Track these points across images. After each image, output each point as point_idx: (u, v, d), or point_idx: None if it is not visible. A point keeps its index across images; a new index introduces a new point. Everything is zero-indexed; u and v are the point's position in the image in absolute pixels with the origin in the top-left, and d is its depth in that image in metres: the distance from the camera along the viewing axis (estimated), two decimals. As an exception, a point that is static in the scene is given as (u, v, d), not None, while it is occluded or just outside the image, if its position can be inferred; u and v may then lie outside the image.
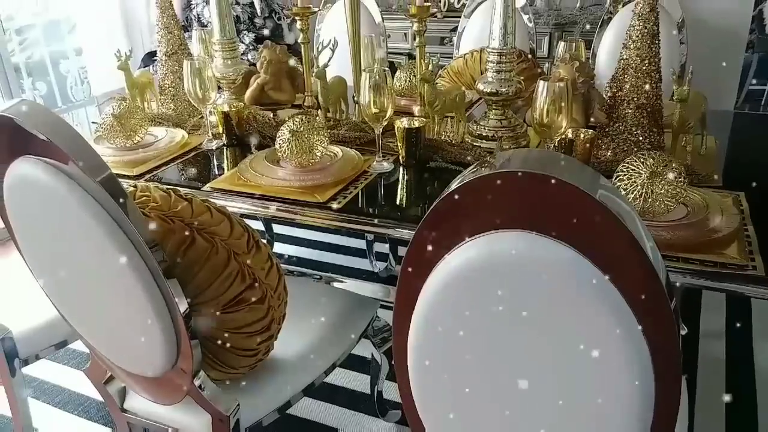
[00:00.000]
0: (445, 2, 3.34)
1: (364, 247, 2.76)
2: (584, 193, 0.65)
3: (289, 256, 2.82)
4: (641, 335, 0.68)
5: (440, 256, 0.74)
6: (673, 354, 0.70)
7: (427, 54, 1.77)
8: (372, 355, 1.73)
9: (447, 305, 0.76)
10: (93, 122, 2.12)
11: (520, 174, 0.67)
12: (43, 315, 1.58)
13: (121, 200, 0.95)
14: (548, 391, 0.77)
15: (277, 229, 2.98)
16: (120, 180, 0.99)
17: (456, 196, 0.70)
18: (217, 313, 1.16)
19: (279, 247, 2.87)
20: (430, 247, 0.75)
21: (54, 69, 3.68)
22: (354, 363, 2.03)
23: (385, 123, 1.56)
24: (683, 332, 2.16)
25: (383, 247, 2.71)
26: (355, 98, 1.80)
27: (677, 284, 1.11)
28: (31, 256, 1.17)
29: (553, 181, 0.66)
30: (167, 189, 1.15)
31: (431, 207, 0.73)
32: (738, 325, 2.24)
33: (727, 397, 1.92)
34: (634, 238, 0.64)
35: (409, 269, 0.79)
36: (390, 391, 1.88)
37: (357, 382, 2.01)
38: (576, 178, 0.66)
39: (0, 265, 1.79)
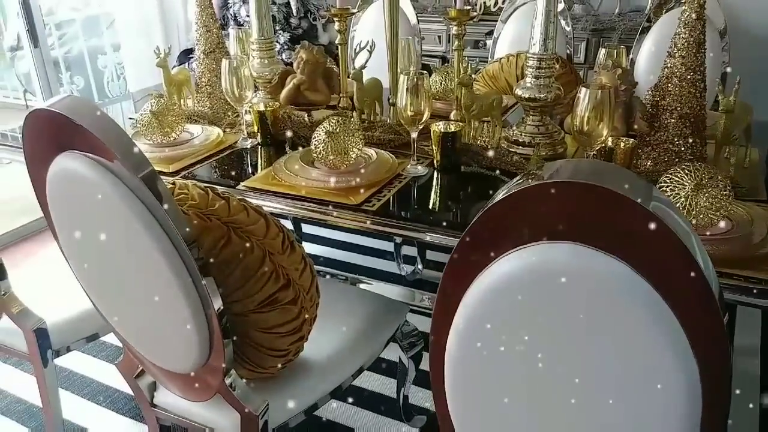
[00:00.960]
0: (480, 5, 3.32)
1: (392, 249, 2.75)
2: (638, 204, 0.63)
3: (316, 255, 2.82)
4: (692, 355, 0.66)
5: (484, 264, 0.73)
6: (723, 376, 0.68)
7: (465, 57, 1.76)
8: (399, 359, 1.72)
9: (489, 316, 0.74)
10: (130, 118, 2.14)
11: (571, 184, 0.65)
12: (77, 307, 1.59)
13: (162, 198, 0.95)
14: (592, 409, 0.75)
15: (306, 228, 2.99)
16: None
17: (504, 205, 0.69)
18: (250, 312, 1.17)
19: (307, 247, 2.87)
20: (474, 255, 0.73)
21: (92, 64, 3.75)
22: (381, 367, 2.02)
23: (421, 126, 1.55)
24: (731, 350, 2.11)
25: (411, 251, 2.70)
26: (391, 100, 1.79)
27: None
28: (69, 248, 1.18)
29: (605, 191, 0.64)
30: (205, 187, 1.16)
31: (478, 214, 0.71)
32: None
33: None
34: (689, 254, 0.62)
35: (451, 276, 0.77)
36: (416, 395, 1.87)
37: (383, 385, 2.00)
38: (629, 190, 0.64)
39: (38, 255, 1.82)
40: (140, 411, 1.89)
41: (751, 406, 1.90)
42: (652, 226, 0.64)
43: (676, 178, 1.19)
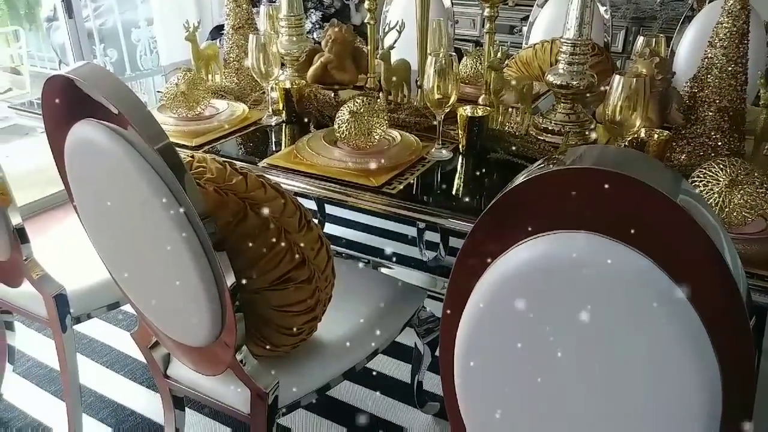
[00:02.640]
0: (517, -10, 3.25)
1: (415, 234, 2.72)
2: (663, 196, 0.60)
3: (338, 237, 2.81)
4: (713, 356, 0.63)
5: (500, 251, 0.70)
6: (746, 380, 0.65)
7: (496, 41, 1.71)
8: (415, 344, 1.70)
9: (503, 303, 0.72)
10: (159, 91, 2.14)
11: (593, 171, 0.62)
12: (98, 276, 1.61)
13: (177, 169, 0.94)
14: (603, 402, 0.72)
15: (329, 209, 2.98)
16: (179, 150, 0.98)
17: (522, 191, 0.66)
18: (264, 289, 1.16)
19: (329, 228, 2.87)
20: (489, 241, 0.71)
21: (125, 37, 3.77)
22: (396, 351, 2.01)
23: (447, 110, 1.51)
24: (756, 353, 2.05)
25: (434, 237, 2.67)
26: (418, 82, 1.75)
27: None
28: (87, 217, 1.19)
29: (629, 180, 0.61)
30: (224, 161, 1.15)
31: (494, 199, 0.68)
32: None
33: None
34: (716, 251, 0.59)
35: (465, 262, 0.75)
36: (430, 382, 1.85)
37: (398, 370, 1.99)
38: (655, 180, 0.61)
39: (62, 225, 1.84)
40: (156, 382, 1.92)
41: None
42: (679, 219, 0.61)
43: (710, 173, 1.14)
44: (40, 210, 1.99)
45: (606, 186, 0.63)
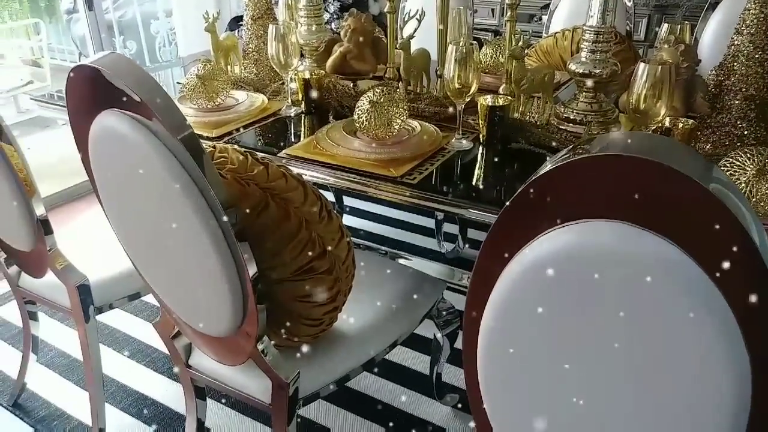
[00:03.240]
0: (537, -22, 3.21)
1: (433, 226, 2.71)
2: (695, 183, 0.59)
3: (357, 229, 2.81)
4: (744, 347, 0.62)
5: (526, 241, 0.69)
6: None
7: (517, 30, 1.69)
8: (434, 336, 1.69)
9: (528, 293, 0.71)
10: (178, 83, 2.15)
11: (621, 158, 0.61)
12: (120, 266, 1.62)
13: (199, 159, 0.94)
14: (630, 394, 0.71)
15: (348, 201, 2.98)
16: (200, 140, 0.98)
17: (549, 179, 0.65)
18: (285, 279, 1.16)
19: (348, 220, 2.87)
20: (515, 231, 0.70)
21: (144, 29, 3.80)
22: (415, 342, 2.00)
23: (468, 99, 1.50)
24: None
25: (453, 228, 2.66)
26: (438, 72, 1.74)
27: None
28: (110, 207, 1.20)
29: (659, 167, 0.60)
30: (245, 152, 1.15)
31: (521, 187, 0.68)
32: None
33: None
34: (751, 242, 0.57)
35: (491, 252, 0.74)
36: (449, 374, 1.84)
37: (417, 361, 1.99)
38: (687, 167, 0.60)
39: (85, 216, 1.86)
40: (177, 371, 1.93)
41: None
42: (711, 207, 0.59)
43: (738, 163, 1.12)
44: (63, 201, 2.02)
45: (635, 173, 0.61)
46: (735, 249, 0.59)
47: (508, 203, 0.70)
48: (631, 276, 0.64)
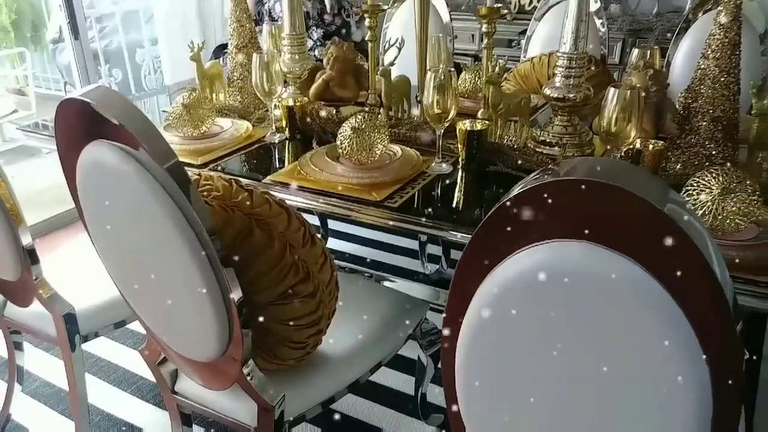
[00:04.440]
0: (515, 4, 3.30)
1: (417, 248, 2.75)
2: (651, 205, 0.62)
3: (342, 252, 2.83)
4: (703, 360, 0.65)
5: (498, 260, 0.73)
6: (735, 382, 0.67)
7: (494, 56, 1.75)
8: (418, 357, 1.72)
9: (500, 312, 0.74)
10: (164, 110, 2.18)
11: (585, 183, 0.65)
12: (105, 294, 1.63)
13: (185, 187, 0.97)
14: (599, 407, 0.74)
15: (332, 224, 3.00)
16: (185, 168, 1.01)
17: (518, 201, 0.68)
18: (270, 303, 1.18)
19: (333, 243, 2.89)
20: (487, 251, 0.73)
21: (130, 57, 3.84)
22: (400, 364, 2.02)
23: (447, 124, 1.54)
24: (744, 356, 2.06)
25: (436, 249, 2.69)
26: (418, 98, 1.79)
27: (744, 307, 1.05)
28: (97, 236, 1.22)
29: (619, 191, 0.63)
30: (230, 179, 1.18)
31: (492, 210, 0.71)
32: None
33: None
34: (703, 258, 0.61)
35: (464, 272, 0.77)
36: (434, 394, 1.86)
37: (402, 383, 2.01)
38: (644, 191, 0.63)
39: (70, 244, 1.87)
40: (163, 399, 1.93)
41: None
42: (666, 228, 0.63)
43: (704, 182, 1.17)
44: (47, 230, 2.02)
45: (597, 197, 0.65)
46: (690, 266, 0.62)
47: (480, 224, 0.73)
48: (598, 293, 0.68)
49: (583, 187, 0.65)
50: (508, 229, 0.71)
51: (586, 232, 0.67)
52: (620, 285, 0.67)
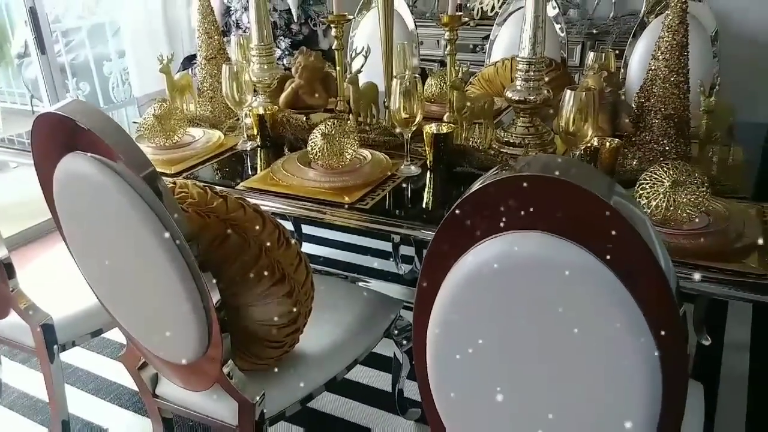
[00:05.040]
0: (478, 11, 3.38)
1: (390, 249, 2.80)
2: (598, 198, 0.69)
3: (316, 256, 2.87)
4: (650, 335, 0.71)
5: (460, 253, 0.78)
6: (681, 360, 0.73)
7: (458, 62, 1.81)
8: (394, 354, 1.77)
9: (464, 301, 0.80)
10: (134, 122, 2.20)
11: (540, 177, 0.71)
12: (81, 304, 1.65)
13: (161, 195, 1.01)
14: (559, 387, 0.80)
15: (306, 229, 3.05)
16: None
17: (477, 197, 0.74)
18: (248, 305, 1.22)
19: (307, 247, 2.93)
20: (450, 245, 0.79)
21: (97, 70, 3.83)
22: (376, 362, 2.07)
23: (414, 128, 1.60)
24: (706, 343, 2.15)
25: (409, 250, 2.75)
26: (386, 104, 1.84)
27: (694, 291, 1.12)
28: (75, 245, 1.24)
29: (570, 185, 0.69)
30: (204, 186, 1.21)
31: (453, 206, 0.77)
32: (762, 337, 2.22)
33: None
34: (646, 246, 0.67)
35: (430, 266, 0.83)
36: (411, 390, 1.91)
37: (379, 380, 2.05)
38: (592, 184, 0.69)
39: (43, 257, 1.88)
40: (143, 405, 1.95)
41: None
42: (613, 218, 0.69)
43: (656, 176, 1.24)
44: (18, 244, 2.02)
45: (550, 190, 0.71)
46: (635, 253, 0.69)
47: (444, 218, 0.79)
48: (553, 279, 0.73)
49: (536, 181, 0.71)
50: (468, 222, 0.76)
51: (542, 223, 0.73)
52: (573, 272, 0.73)
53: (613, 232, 0.70)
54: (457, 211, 0.77)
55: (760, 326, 2.28)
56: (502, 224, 0.75)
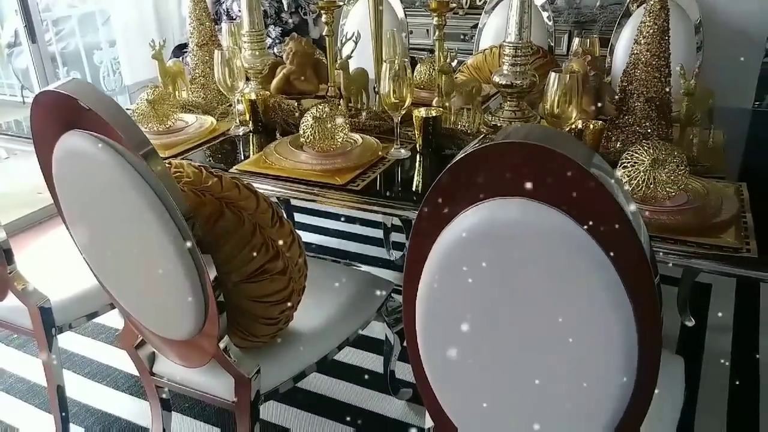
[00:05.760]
0: (467, 0, 3.41)
1: (382, 236, 2.84)
2: (578, 165, 0.73)
3: (308, 243, 2.91)
4: (625, 294, 0.76)
5: (446, 220, 0.82)
6: (655, 319, 0.78)
7: (446, 48, 1.85)
8: (386, 335, 1.81)
9: (451, 265, 0.84)
10: (126, 109, 2.22)
11: (522, 145, 0.75)
12: (76, 288, 1.68)
13: (160, 173, 1.04)
14: (539, 347, 0.84)
15: (298, 217, 3.08)
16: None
17: (461, 165, 0.78)
18: (242, 282, 1.25)
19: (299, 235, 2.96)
20: (437, 213, 0.83)
21: (88, 59, 3.83)
22: (368, 344, 2.12)
23: (403, 112, 1.64)
24: (690, 324, 2.21)
25: (400, 237, 2.79)
26: (376, 89, 1.88)
27: (670, 264, 1.17)
28: (74, 224, 1.27)
29: (551, 152, 0.73)
30: (199, 165, 1.25)
31: (441, 172, 0.80)
32: (744, 319, 2.29)
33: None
34: (621, 209, 0.71)
35: (419, 234, 0.87)
36: (402, 371, 1.96)
37: (371, 361, 2.10)
38: (572, 152, 0.73)
39: (35, 244, 1.90)
40: (138, 389, 1.99)
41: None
42: (591, 184, 0.73)
43: (636, 155, 1.28)
44: (13, 232, 2.04)
45: (532, 157, 0.75)
46: (612, 219, 0.73)
47: (431, 187, 0.83)
48: (535, 243, 0.78)
49: (518, 149, 0.75)
50: (455, 189, 0.80)
51: (524, 189, 0.77)
52: (555, 236, 0.77)
53: (590, 197, 0.74)
54: (442, 180, 0.80)
55: (742, 309, 2.34)
56: (485, 191, 0.79)
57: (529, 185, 0.76)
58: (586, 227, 0.76)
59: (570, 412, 0.89)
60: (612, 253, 0.76)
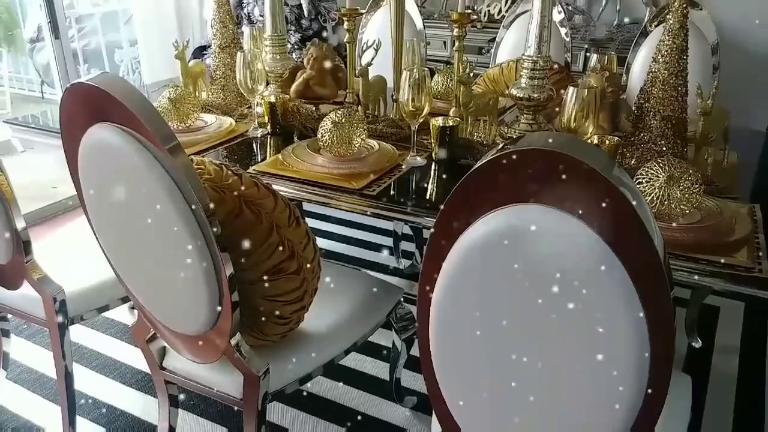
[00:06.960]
0: (485, 13, 3.44)
1: (391, 244, 2.85)
2: (599, 173, 0.74)
3: (319, 248, 2.92)
4: (637, 298, 0.77)
5: (465, 226, 0.84)
6: (668, 329, 0.78)
7: (465, 59, 1.87)
8: (393, 342, 1.82)
9: (468, 270, 0.85)
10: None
11: (541, 152, 0.76)
12: (89, 280, 1.70)
13: (185, 168, 1.06)
14: (553, 355, 0.85)
15: (310, 222, 3.09)
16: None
17: (482, 171, 0.79)
18: (257, 280, 1.27)
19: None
20: (456, 218, 0.84)
21: (109, 57, 3.89)
22: (375, 351, 2.12)
23: (421, 120, 1.66)
24: (697, 345, 2.20)
25: (410, 246, 2.81)
26: (394, 97, 1.90)
27: (687, 284, 1.18)
28: (95, 214, 1.29)
29: (571, 160, 0.75)
30: (219, 164, 1.27)
31: (462, 178, 0.82)
32: (752, 342, 2.28)
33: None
34: (640, 219, 0.73)
35: (437, 239, 0.88)
36: (408, 378, 1.97)
37: (377, 368, 2.10)
38: (593, 161, 0.75)
39: (48, 237, 1.93)
40: (146, 383, 2.00)
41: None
42: (611, 194, 0.75)
43: (652, 171, 1.30)
44: (29, 223, 2.07)
45: (551, 165, 0.76)
46: (629, 226, 0.74)
47: (452, 191, 0.84)
48: (551, 249, 0.79)
49: (539, 156, 0.76)
50: (475, 195, 0.82)
51: (542, 196, 0.78)
52: (569, 241, 0.78)
53: (609, 207, 0.75)
54: (463, 185, 0.82)
55: (750, 331, 2.34)
56: (503, 198, 0.80)
57: (548, 192, 0.77)
58: (602, 235, 0.77)
59: (580, 424, 0.90)
60: (629, 264, 0.77)
